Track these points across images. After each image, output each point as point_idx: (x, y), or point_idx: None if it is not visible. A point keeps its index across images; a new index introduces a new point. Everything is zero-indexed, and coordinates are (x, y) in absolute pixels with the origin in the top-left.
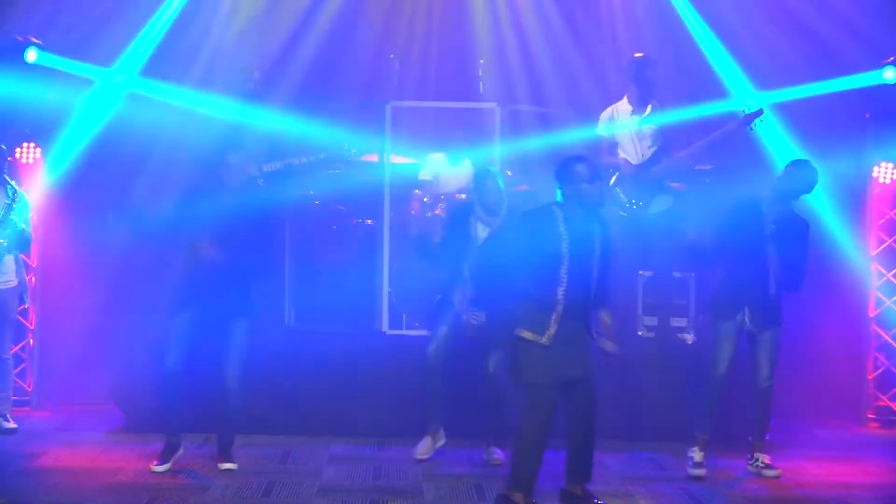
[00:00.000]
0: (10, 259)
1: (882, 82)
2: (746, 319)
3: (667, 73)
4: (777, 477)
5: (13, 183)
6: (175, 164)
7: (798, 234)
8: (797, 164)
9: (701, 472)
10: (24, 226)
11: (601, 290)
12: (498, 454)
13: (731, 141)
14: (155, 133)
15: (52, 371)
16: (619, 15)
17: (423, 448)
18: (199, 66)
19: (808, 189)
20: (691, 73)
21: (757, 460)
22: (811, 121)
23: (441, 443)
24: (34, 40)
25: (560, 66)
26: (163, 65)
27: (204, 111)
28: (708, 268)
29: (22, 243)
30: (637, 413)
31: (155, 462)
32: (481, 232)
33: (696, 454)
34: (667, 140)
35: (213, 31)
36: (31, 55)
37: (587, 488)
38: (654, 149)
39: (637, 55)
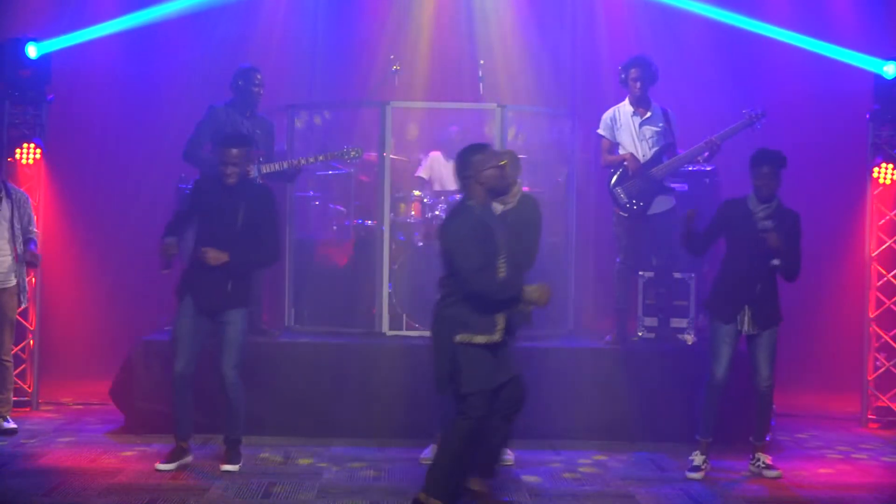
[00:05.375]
0: (8, 259)
1: (881, 73)
2: (746, 322)
3: (666, 72)
4: (778, 477)
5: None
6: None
7: (789, 226)
8: (752, 158)
9: (698, 475)
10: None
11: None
12: (508, 455)
13: (735, 141)
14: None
15: (52, 371)
16: (620, 14)
17: (431, 453)
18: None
19: (764, 174)
20: (690, 72)
21: (758, 460)
22: (811, 121)
23: None
24: (31, 36)
25: (561, 67)
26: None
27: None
28: (698, 259)
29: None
30: (637, 413)
31: (160, 461)
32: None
33: (697, 457)
34: (669, 142)
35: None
36: (32, 51)
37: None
38: (656, 150)
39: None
